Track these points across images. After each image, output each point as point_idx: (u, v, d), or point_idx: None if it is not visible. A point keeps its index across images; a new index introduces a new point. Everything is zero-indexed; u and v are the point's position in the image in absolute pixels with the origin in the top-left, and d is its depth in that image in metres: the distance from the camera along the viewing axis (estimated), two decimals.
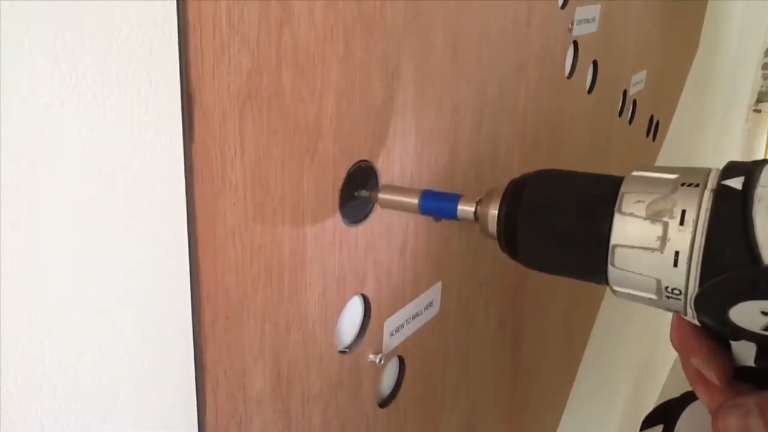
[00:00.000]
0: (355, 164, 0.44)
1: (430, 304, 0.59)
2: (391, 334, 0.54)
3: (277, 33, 0.35)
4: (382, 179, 0.47)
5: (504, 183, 0.38)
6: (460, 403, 0.69)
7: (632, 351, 1.68)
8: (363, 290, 0.49)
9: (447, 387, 0.66)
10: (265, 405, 0.42)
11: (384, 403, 0.56)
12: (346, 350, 0.49)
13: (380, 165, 0.47)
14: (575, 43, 0.79)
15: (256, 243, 0.38)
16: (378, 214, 0.48)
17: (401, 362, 0.57)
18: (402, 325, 0.55)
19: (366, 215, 0.47)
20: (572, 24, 0.75)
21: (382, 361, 0.52)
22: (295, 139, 0.39)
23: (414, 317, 0.57)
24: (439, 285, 0.59)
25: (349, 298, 0.48)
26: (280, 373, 0.43)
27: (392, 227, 0.50)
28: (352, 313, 0.50)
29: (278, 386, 0.43)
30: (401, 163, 0.49)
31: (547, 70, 0.72)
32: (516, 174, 0.38)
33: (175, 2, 0.30)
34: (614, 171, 0.33)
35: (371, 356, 0.52)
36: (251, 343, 0.40)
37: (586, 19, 0.79)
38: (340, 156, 0.43)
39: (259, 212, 0.37)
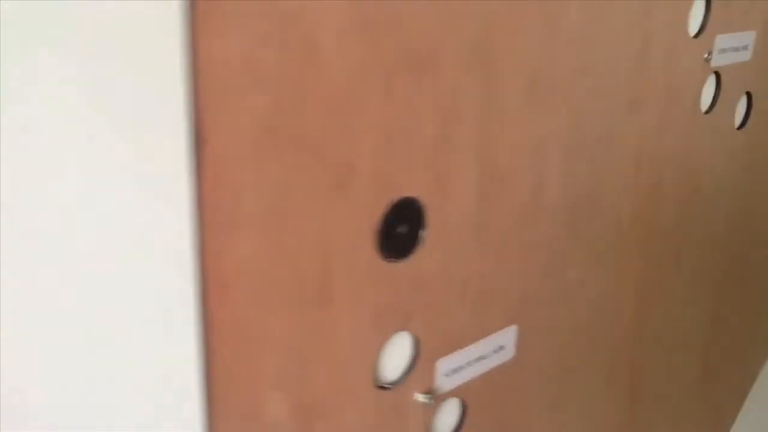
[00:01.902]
0: (397, 201, 0.43)
1: (501, 348, 0.56)
2: (446, 375, 0.52)
3: (300, 73, 0.36)
4: (433, 218, 0.46)
5: (606, 232, 0.35)
6: None
7: None
8: (408, 328, 0.48)
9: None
10: (283, 430, 0.43)
11: None
12: (389, 387, 0.49)
13: (430, 203, 0.46)
14: (717, 75, 0.71)
15: (273, 276, 0.39)
16: (429, 252, 0.47)
17: (464, 406, 0.55)
18: (461, 367, 0.53)
19: (409, 252, 0.46)
20: (710, 53, 0.68)
21: (431, 401, 0.50)
22: (323, 175, 0.39)
23: (477, 360, 0.54)
24: (512, 329, 0.56)
25: (392, 335, 0.47)
26: (302, 403, 0.43)
27: (448, 266, 0.49)
28: (400, 349, 0.49)
29: (299, 414, 0.43)
30: (459, 202, 0.47)
31: (673, 106, 0.65)
32: (624, 224, 0.34)
33: (183, 45, 0.31)
34: None
35: (419, 396, 0.50)
36: (268, 370, 0.40)
37: (734, 48, 0.71)
38: (378, 192, 0.42)
39: (277, 246, 0.38)
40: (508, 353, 0.57)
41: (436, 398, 0.52)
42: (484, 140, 0.48)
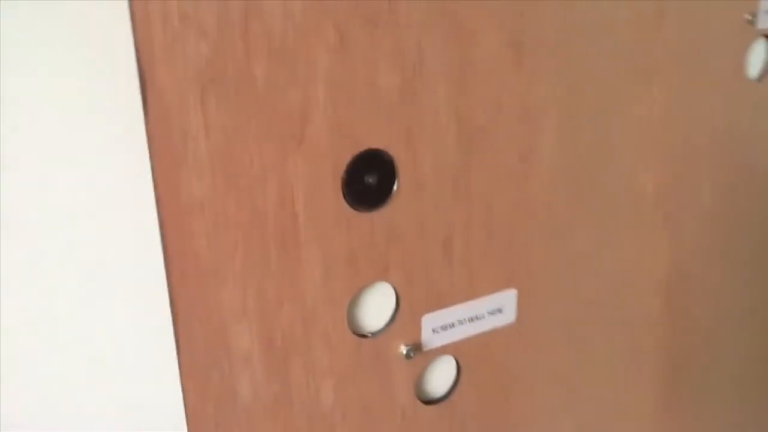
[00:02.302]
0: (361, 152, 0.46)
1: (498, 310, 0.57)
2: (434, 331, 0.54)
3: (242, 24, 0.40)
4: (404, 170, 0.48)
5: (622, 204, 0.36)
6: (561, 423, 0.64)
7: None
8: (387, 278, 0.50)
9: (538, 405, 0.62)
10: (254, 363, 0.46)
11: (432, 401, 0.56)
12: (368, 335, 0.51)
13: (400, 155, 0.48)
14: None
15: (229, 213, 0.42)
16: (403, 204, 0.49)
17: (458, 366, 0.56)
18: (451, 325, 0.54)
19: (380, 203, 0.48)
20: (754, 15, 0.64)
21: (412, 355, 0.52)
22: (275, 124, 0.42)
23: (471, 320, 0.55)
24: (512, 293, 0.57)
25: (366, 284, 0.49)
26: (272, 339, 0.47)
27: (425, 219, 0.50)
28: (382, 300, 0.51)
29: (271, 350, 0.47)
30: (434, 156, 0.49)
31: (705, 72, 0.62)
32: (648, 197, 0.36)
33: (127, 2, 0.36)
34: None
35: (402, 347, 0.52)
36: (231, 303, 0.44)
37: None
38: (338, 143, 0.45)
39: (233, 187, 0.42)
40: (507, 317, 0.57)
41: (423, 353, 0.53)
42: (460, 98, 0.49)
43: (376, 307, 0.51)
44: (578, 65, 0.54)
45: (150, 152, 0.39)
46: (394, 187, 0.48)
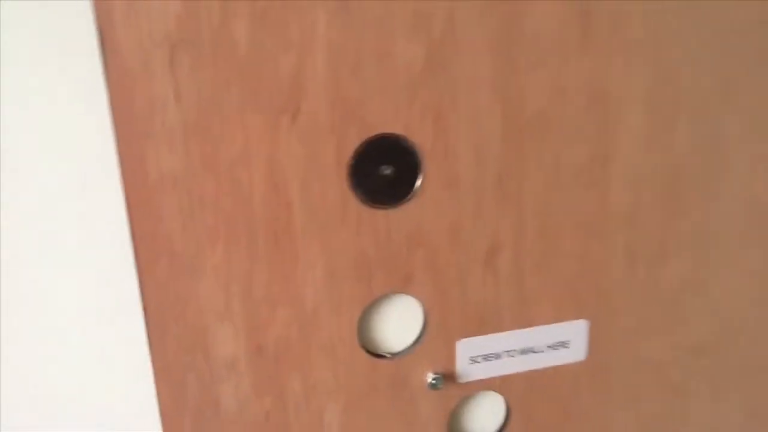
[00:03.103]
0: (374, 137, 0.39)
1: (562, 344, 0.46)
2: (474, 361, 0.44)
3: None
4: (432, 161, 0.40)
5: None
6: None
7: None
8: (410, 291, 0.42)
9: None
10: (240, 372, 0.41)
11: None
12: (387, 356, 0.43)
13: (426, 144, 0.40)
14: None
15: (207, 193, 0.37)
16: (430, 203, 0.41)
17: (507, 407, 0.46)
18: (496, 355, 0.45)
19: (401, 200, 0.40)
20: None
21: (440, 386, 0.43)
22: (261, 94, 0.37)
23: (524, 352, 0.45)
24: (581, 325, 0.46)
25: (383, 294, 0.42)
26: (262, 346, 0.41)
27: (462, 224, 0.42)
28: (405, 316, 0.43)
29: (261, 359, 0.41)
30: (474, 147, 0.41)
31: None
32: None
33: None
34: None
35: (430, 375, 0.44)
36: (211, 300, 0.39)
37: None
38: (346, 122, 0.38)
39: (210, 164, 0.37)
40: (576, 353, 0.46)
41: (458, 386, 0.44)
42: (508, 76, 0.40)
43: (399, 323, 0.43)
44: (676, 45, 0.43)
45: (112, 121, 0.35)
46: (418, 182, 0.40)
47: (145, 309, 0.38)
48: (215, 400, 0.41)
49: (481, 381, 0.45)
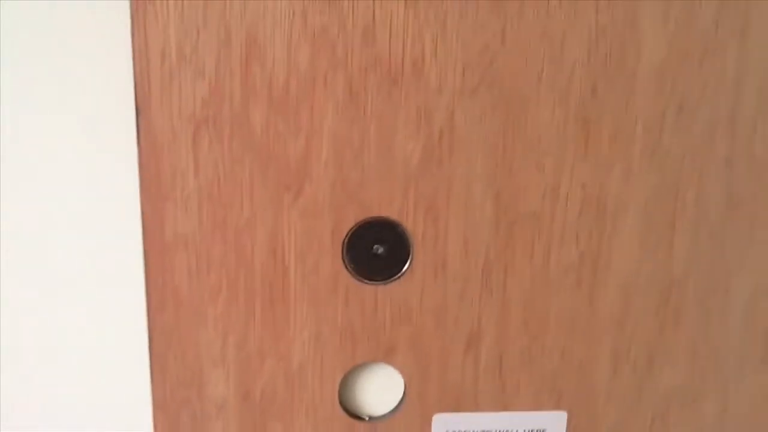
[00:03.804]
0: (369, 220, 0.43)
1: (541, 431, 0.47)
2: None
3: (242, 69, 0.40)
4: (423, 246, 0.43)
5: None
6: None
7: None
8: (392, 362, 0.45)
9: None
10: (228, 413, 0.45)
11: None
12: (365, 418, 0.46)
13: (418, 230, 0.43)
14: None
15: (214, 254, 0.42)
16: (418, 284, 0.44)
17: None
18: None
19: (390, 278, 0.44)
20: None
21: None
22: (269, 171, 0.41)
23: None
24: (560, 416, 0.47)
25: (365, 361, 0.45)
26: (250, 392, 0.45)
27: (446, 308, 0.44)
28: (385, 384, 0.46)
29: (248, 404, 0.45)
30: (464, 241, 0.43)
31: None
32: None
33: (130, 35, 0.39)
34: None
35: None
36: (208, 346, 0.44)
37: None
38: (344, 205, 0.42)
39: (219, 227, 0.42)
40: None
41: None
42: (502, 177, 0.43)
43: (379, 390, 0.46)
44: (680, 156, 0.44)
45: (140, 184, 0.41)
46: (407, 263, 0.44)
47: (151, 347, 0.43)
48: None
49: None
